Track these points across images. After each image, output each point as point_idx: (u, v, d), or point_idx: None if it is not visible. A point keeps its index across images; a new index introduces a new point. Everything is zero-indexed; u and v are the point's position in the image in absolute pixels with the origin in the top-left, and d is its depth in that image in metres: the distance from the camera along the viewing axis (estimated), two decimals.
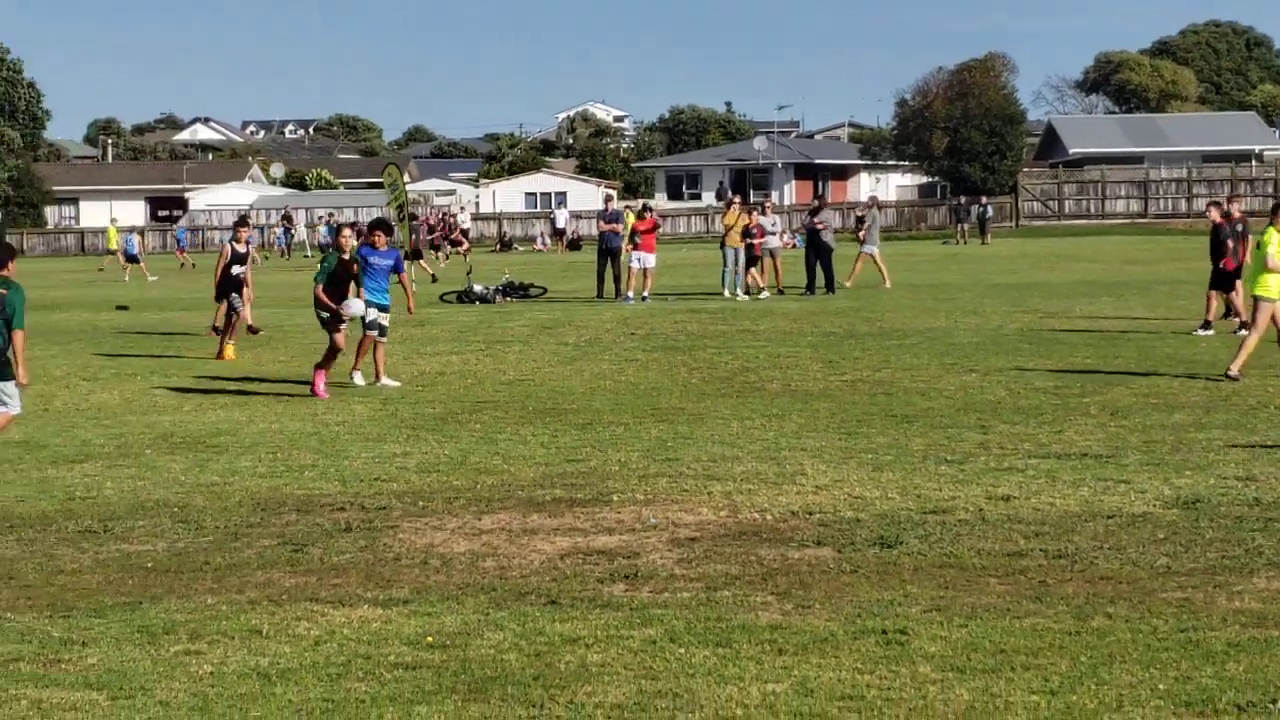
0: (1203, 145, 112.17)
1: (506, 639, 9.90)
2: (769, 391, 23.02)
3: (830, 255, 43.29)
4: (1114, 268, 54.10)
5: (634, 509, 14.22)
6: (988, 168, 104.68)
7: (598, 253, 45.32)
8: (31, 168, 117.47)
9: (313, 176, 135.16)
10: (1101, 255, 63.25)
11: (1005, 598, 10.74)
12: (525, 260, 76.21)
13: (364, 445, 18.45)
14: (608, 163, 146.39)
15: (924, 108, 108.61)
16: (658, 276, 43.83)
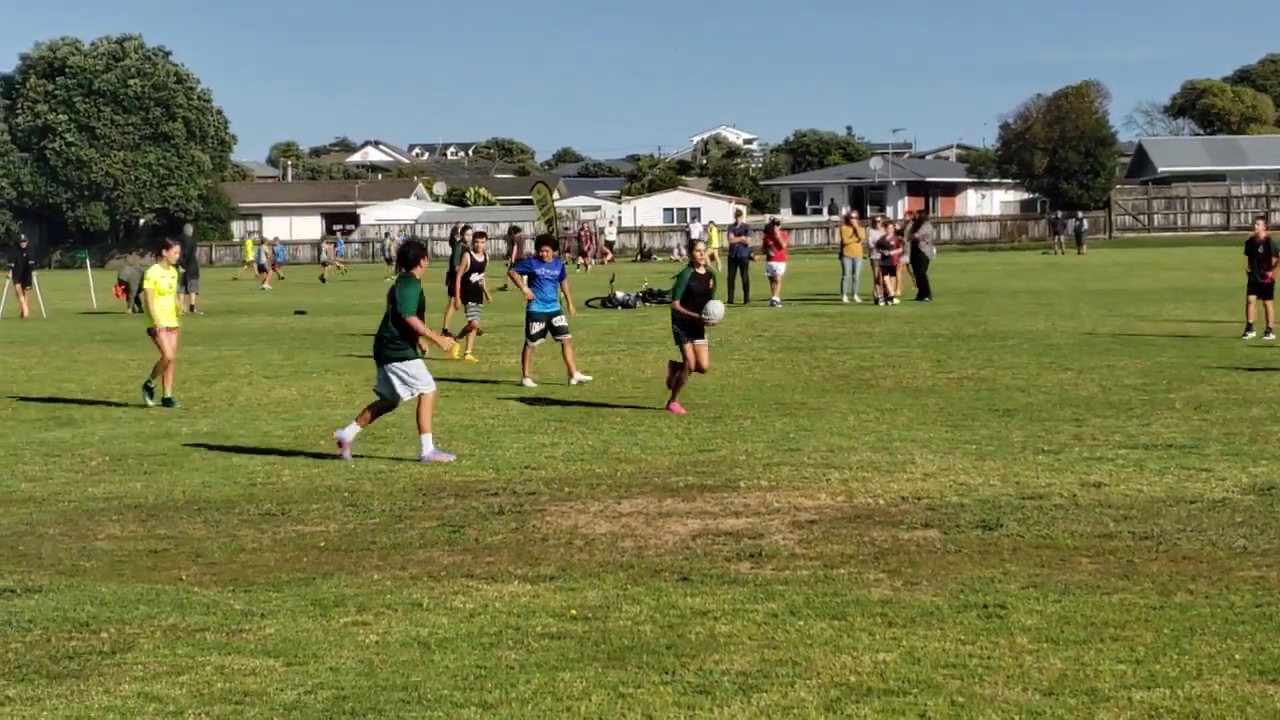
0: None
1: (643, 612, 9.90)
2: (882, 388, 22.88)
3: (927, 265, 43.07)
4: (1199, 275, 53.33)
5: (759, 494, 14.17)
6: (1083, 185, 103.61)
7: (728, 262, 45.29)
8: (219, 187, 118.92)
9: (471, 194, 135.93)
10: (1187, 264, 62.37)
11: (1096, 575, 10.61)
12: (663, 269, 76.15)
13: (515, 436, 18.51)
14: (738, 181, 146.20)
15: (1025, 130, 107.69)
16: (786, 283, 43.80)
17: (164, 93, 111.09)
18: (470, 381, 24.93)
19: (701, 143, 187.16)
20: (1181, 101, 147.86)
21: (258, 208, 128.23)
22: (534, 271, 24.45)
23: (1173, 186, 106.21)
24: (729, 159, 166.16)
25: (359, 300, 52.38)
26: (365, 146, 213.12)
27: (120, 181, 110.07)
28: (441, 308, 30.81)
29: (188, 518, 13.75)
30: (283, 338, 35.04)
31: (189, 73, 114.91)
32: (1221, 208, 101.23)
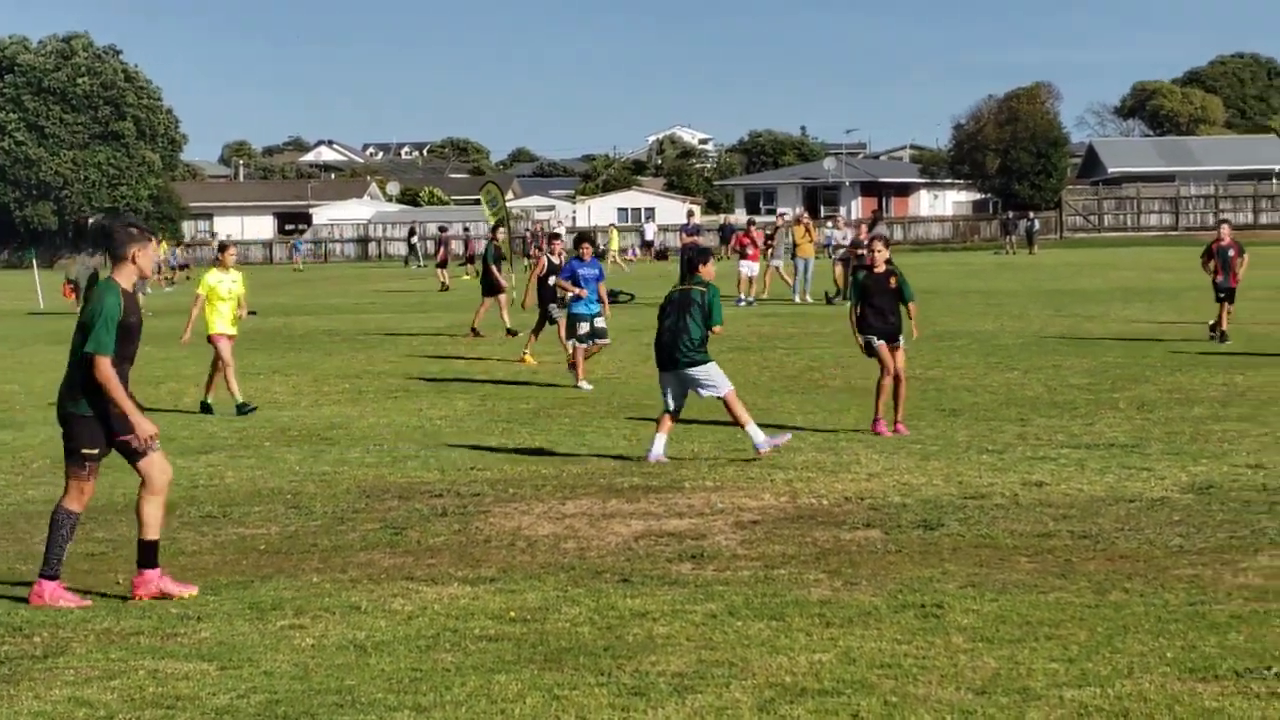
0: (1228, 165, 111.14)
1: (582, 613, 9.88)
2: (831, 388, 22.95)
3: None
4: (1147, 276, 53.61)
5: (704, 495, 14.17)
6: (1035, 185, 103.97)
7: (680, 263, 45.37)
8: (169, 186, 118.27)
9: (425, 194, 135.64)
10: (1136, 264, 62.67)
11: (1033, 574, 10.65)
12: (618, 269, 76.15)
13: (463, 437, 18.49)
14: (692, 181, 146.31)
15: (977, 131, 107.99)
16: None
17: (113, 91, 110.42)
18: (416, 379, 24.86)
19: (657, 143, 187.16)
20: (1132, 103, 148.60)
21: (209, 207, 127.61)
22: (577, 272, 24.28)
23: (1123, 187, 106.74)
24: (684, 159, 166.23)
25: (310, 301, 52.24)
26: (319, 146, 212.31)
27: (69, 181, 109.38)
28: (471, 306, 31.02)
29: (127, 521, 13.60)
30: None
31: (139, 71, 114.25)
32: (1171, 208, 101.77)
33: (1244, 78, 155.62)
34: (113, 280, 10.44)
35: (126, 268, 10.45)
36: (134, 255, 10.42)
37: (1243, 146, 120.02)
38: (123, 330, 10.26)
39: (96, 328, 10.19)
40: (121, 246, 10.43)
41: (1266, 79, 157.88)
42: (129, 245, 10.42)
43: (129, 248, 10.42)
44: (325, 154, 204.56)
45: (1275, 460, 15.12)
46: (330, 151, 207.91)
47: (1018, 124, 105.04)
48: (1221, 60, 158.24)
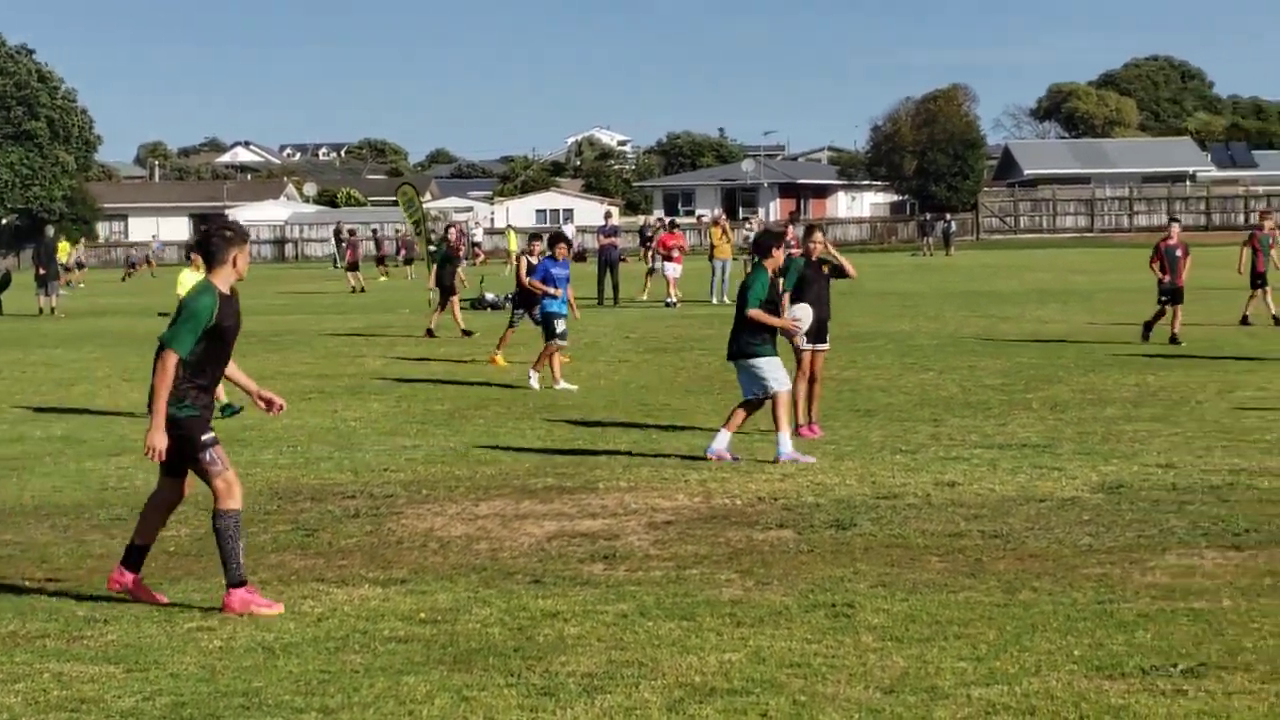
0: (1143, 167, 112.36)
1: (492, 614, 9.86)
2: None
3: None
4: (1062, 277, 54.05)
5: (617, 496, 14.19)
6: (952, 187, 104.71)
7: (598, 264, 45.44)
8: (84, 187, 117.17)
9: (342, 195, 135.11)
10: (1052, 266, 63.17)
11: (944, 574, 10.71)
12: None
13: (377, 439, 18.42)
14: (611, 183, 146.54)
15: (894, 133, 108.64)
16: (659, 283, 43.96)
17: (26, 91, 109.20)
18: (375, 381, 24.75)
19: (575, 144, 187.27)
20: (1048, 105, 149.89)
21: (124, 208, 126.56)
22: (550, 272, 24.42)
23: (1039, 189, 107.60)
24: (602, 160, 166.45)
25: None
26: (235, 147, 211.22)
27: None
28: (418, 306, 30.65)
29: (35, 523, 13.55)
30: (144, 340, 34.50)
31: (52, 71, 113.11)
32: (1086, 210, 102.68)
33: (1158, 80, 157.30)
34: (210, 282, 10.26)
35: (226, 271, 10.28)
36: (234, 258, 10.30)
37: (1157, 149, 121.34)
38: (217, 333, 10.12)
39: (180, 323, 10.04)
40: (221, 250, 10.27)
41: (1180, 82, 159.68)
42: (229, 248, 10.27)
43: (229, 250, 10.27)
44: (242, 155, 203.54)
45: (1185, 460, 15.27)
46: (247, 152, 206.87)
47: (934, 126, 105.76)
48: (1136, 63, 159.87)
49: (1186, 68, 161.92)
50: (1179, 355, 25.93)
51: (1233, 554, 11.11)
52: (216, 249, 10.33)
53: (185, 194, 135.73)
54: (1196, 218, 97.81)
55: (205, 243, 10.44)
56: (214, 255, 10.36)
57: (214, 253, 10.35)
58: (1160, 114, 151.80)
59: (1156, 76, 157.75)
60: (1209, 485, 13.90)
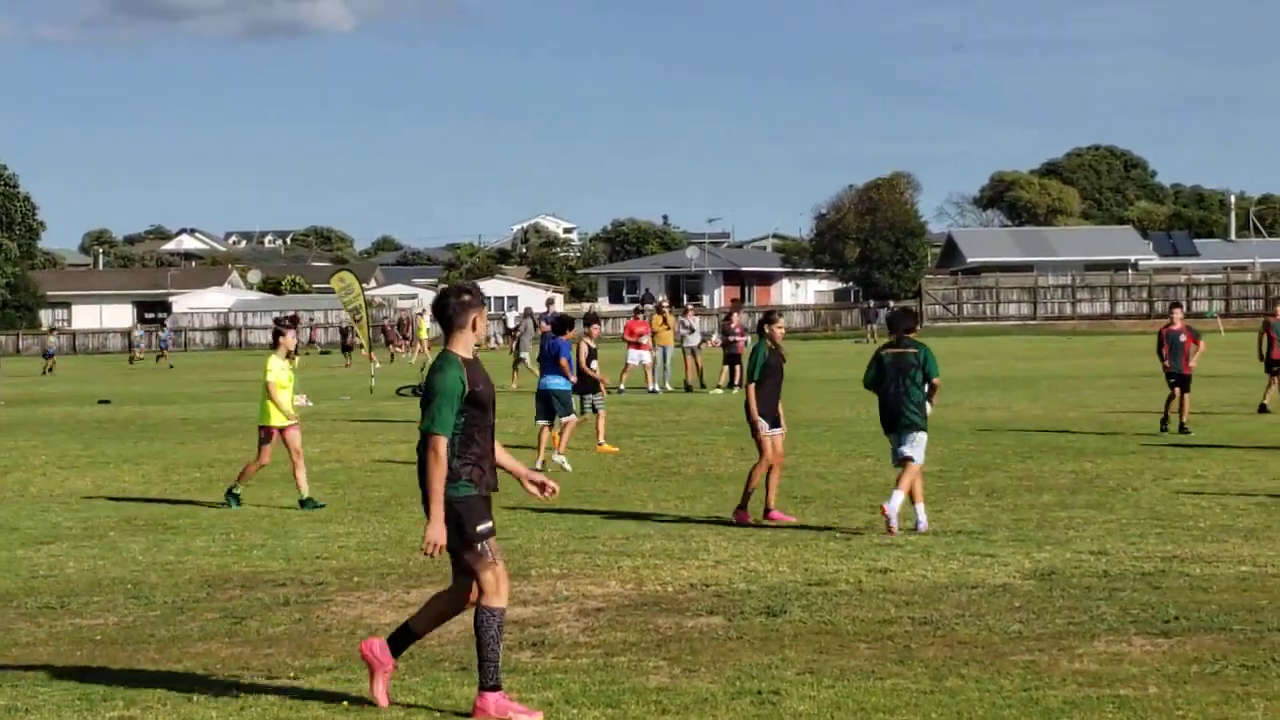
0: (1085, 255, 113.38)
1: (417, 702, 9.81)
2: (684, 475, 23.01)
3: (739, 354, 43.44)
4: (1004, 364, 54.33)
5: (549, 582, 14.15)
6: (894, 275, 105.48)
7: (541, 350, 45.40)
8: (27, 275, 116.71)
9: (287, 282, 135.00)
10: (995, 353, 63.52)
11: (872, 660, 10.71)
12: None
13: (311, 526, 18.32)
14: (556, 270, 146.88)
15: (838, 221, 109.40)
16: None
17: None
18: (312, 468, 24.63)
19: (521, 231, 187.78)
20: (990, 193, 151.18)
21: (67, 296, 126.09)
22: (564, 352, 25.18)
23: (982, 276, 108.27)
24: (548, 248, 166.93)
25: (167, 389, 51.68)
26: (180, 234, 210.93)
27: None
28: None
29: None
30: (83, 427, 34.42)
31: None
32: (1029, 298, 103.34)
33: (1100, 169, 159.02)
34: (450, 353, 9.73)
35: (466, 336, 9.74)
36: (474, 321, 9.75)
37: (1099, 237, 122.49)
38: (474, 401, 9.61)
39: (433, 405, 9.51)
40: (461, 315, 9.70)
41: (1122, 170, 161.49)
42: (468, 312, 9.71)
43: (468, 314, 9.71)
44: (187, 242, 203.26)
45: (1118, 546, 15.33)
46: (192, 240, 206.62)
47: (877, 214, 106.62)
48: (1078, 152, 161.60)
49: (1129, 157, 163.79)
50: (1118, 442, 26.03)
51: (1161, 641, 11.14)
52: (456, 313, 9.75)
53: (129, 281, 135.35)
54: (1139, 305, 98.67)
55: (444, 307, 9.81)
56: (453, 320, 9.79)
57: (453, 317, 9.78)
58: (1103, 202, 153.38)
59: (1099, 165, 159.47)
60: (1141, 572, 13.95)
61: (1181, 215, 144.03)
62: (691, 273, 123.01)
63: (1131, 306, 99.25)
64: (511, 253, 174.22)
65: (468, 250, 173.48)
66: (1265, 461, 22.97)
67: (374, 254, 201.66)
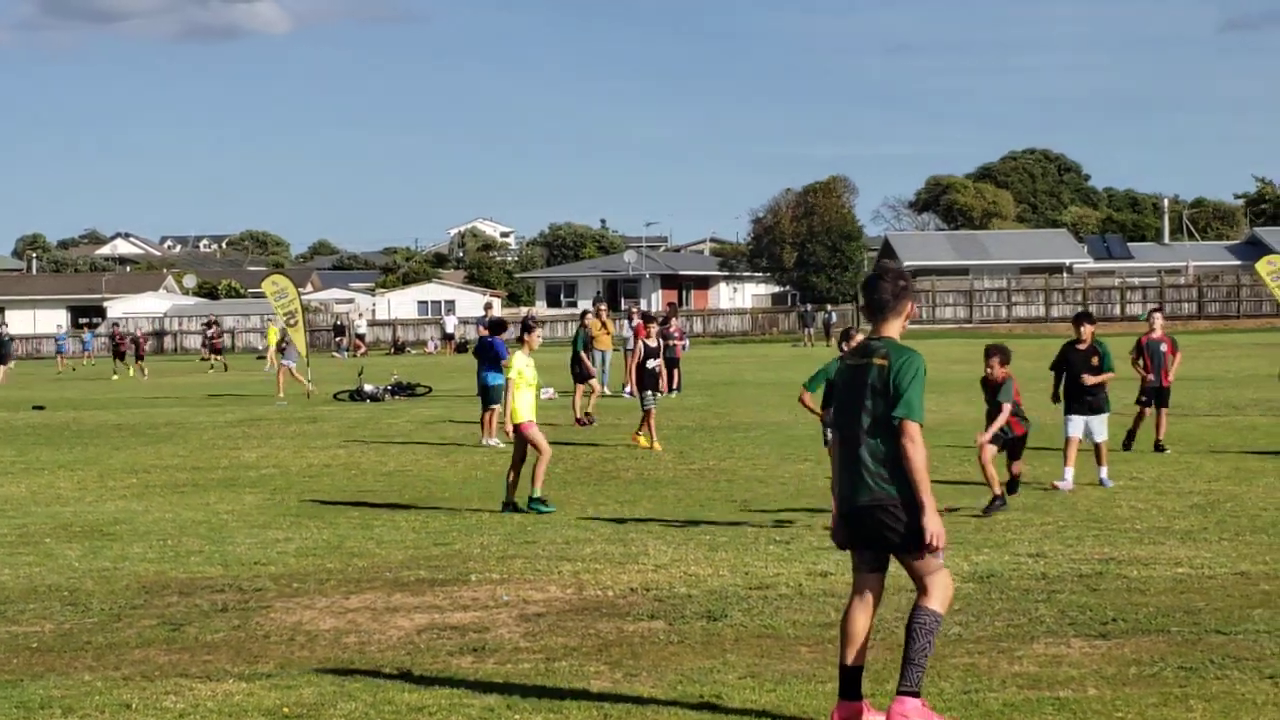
0: (1020, 259, 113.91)
1: (358, 708, 9.76)
2: (624, 480, 22.99)
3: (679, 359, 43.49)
4: (941, 368, 54.43)
5: (490, 587, 14.11)
6: (831, 279, 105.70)
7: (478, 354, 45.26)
8: None
9: (223, 287, 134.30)
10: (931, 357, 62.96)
11: (813, 664, 10.72)
12: (417, 362, 76.02)
13: (249, 532, 18.21)
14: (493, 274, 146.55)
15: (775, 225, 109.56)
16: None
17: None
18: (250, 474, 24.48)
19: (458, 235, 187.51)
20: (926, 197, 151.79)
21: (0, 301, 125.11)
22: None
23: (918, 280, 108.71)
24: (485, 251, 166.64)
25: (100, 395, 51.30)
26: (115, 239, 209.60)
27: None
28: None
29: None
30: (17, 434, 34.13)
31: None
32: (965, 301, 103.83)
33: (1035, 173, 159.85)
34: (893, 339, 9.07)
35: (897, 324, 9.11)
36: (909, 309, 9.18)
37: (1034, 240, 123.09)
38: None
39: (912, 390, 8.80)
40: (899, 301, 9.07)
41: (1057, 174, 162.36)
42: (905, 299, 9.11)
43: (905, 301, 9.11)
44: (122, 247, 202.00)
45: (1056, 549, 15.40)
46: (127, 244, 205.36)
47: (814, 217, 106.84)
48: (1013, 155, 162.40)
49: (1063, 161, 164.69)
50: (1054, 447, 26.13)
51: (1099, 643, 11.20)
52: (893, 299, 9.12)
53: (62, 286, 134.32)
54: (1073, 308, 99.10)
55: (877, 290, 9.13)
56: (888, 306, 9.13)
57: (889, 302, 9.12)
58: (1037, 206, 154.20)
59: (1034, 169, 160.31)
60: (1078, 574, 14.03)
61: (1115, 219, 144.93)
62: (629, 276, 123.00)
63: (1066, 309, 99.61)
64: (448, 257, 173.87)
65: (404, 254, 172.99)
66: (1200, 464, 23.17)
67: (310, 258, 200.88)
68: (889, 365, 8.88)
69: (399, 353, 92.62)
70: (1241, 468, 22.61)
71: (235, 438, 31.55)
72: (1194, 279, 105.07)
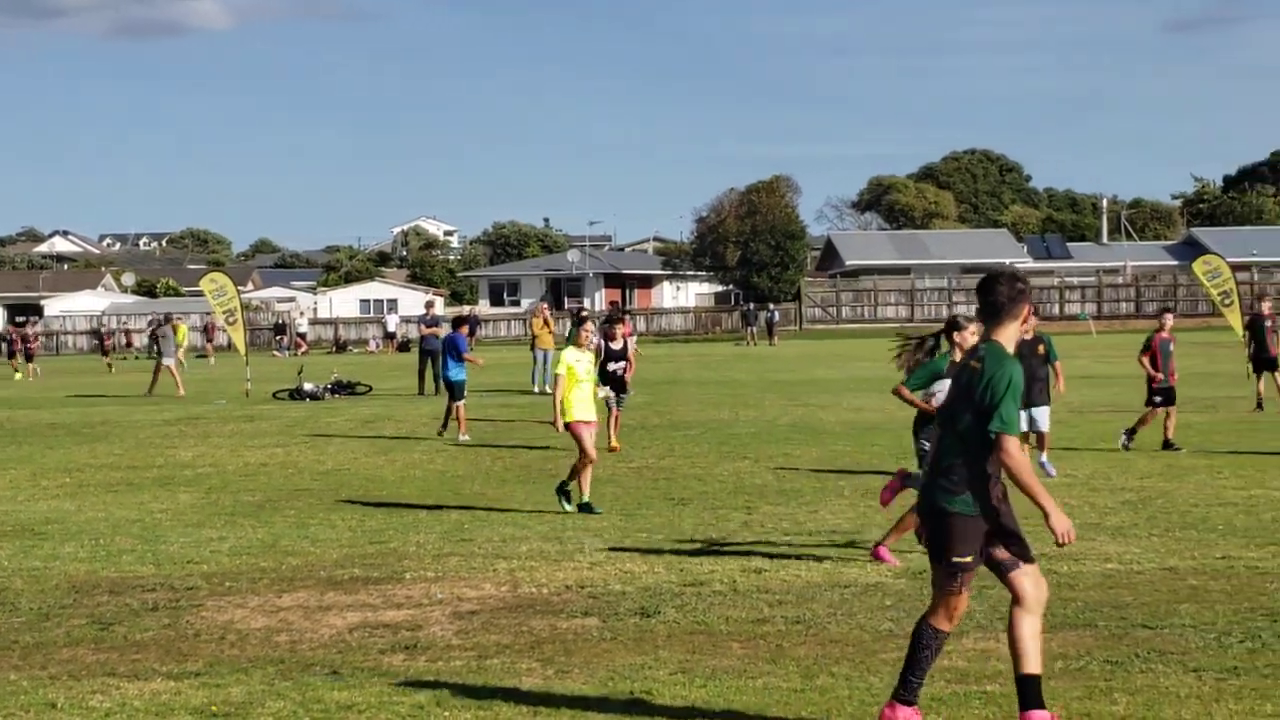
0: (961, 258, 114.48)
1: (286, 707, 9.73)
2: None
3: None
4: (882, 366, 54.54)
5: (424, 585, 14.09)
6: (774, 278, 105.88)
7: (419, 354, 45.19)
8: None
9: (162, 285, 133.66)
10: (873, 355, 63.74)
11: (744, 660, 10.75)
12: (359, 361, 75.81)
13: (183, 531, 18.11)
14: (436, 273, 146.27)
15: (719, 224, 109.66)
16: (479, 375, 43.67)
17: None
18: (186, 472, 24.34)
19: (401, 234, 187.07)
20: (869, 197, 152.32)
21: None
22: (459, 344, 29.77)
23: (860, 279, 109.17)
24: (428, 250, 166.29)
25: (36, 394, 50.92)
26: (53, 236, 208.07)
27: None
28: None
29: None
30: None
31: None
32: (907, 300, 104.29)
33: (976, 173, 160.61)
34: (1001, 345, 8.62)
35: (1012, 329, 8.67)
36: (1027, 314, 8.81)
37: (975, 240, 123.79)
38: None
39: (1004, 402, 8.35)
40: (1015, 304, 8.63)
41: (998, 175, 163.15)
42: (1022, 302, 8.67)
43: (1021, 305, 8.67)
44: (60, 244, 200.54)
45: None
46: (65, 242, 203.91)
47: (757, 217, 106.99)
48: (955, 156, 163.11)
49: (1004, 161, 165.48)
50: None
51: None
52: (1009, 301, 8.67)
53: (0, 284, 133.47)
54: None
55: (993, 293, 8.69)
56: (1004, 309, 8.69)
57: (1005, 305, 8.68)
58: (979, 206, 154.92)
59: (975, 170, 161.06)
60: None
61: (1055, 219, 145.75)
62: (572, 275, 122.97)
63: None
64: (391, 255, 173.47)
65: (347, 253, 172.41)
66: (1133, 461, 23.32)
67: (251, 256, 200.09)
68: (981, 372, 8.50)
69: (340, 351, 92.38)
70: (1174, 465, 22.79)
71: (171, 436, 31.39)
72: (1132, 279, 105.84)
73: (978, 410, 8.47)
